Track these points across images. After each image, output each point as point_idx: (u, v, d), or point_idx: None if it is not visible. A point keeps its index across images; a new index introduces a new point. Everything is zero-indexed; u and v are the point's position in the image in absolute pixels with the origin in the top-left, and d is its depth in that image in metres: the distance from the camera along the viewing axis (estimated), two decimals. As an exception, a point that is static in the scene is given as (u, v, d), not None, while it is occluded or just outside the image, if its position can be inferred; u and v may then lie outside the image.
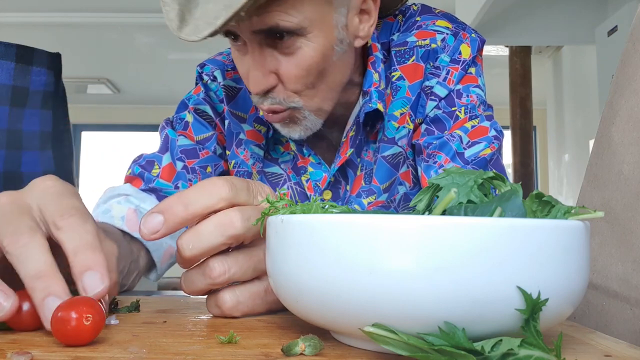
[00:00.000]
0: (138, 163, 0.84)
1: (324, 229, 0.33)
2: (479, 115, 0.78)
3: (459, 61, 0.79)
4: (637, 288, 0.48)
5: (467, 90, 0.79)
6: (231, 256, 0.44)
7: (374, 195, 0.83)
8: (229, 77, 0.88)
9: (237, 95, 0.87)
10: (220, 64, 0.89)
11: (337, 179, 0.84)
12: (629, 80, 0.54)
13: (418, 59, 0.80)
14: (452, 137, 0.76)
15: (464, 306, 0.30)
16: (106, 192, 0.79)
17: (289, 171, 0.87)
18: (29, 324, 0.39)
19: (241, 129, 0.87)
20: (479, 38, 0.81)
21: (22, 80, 1.20)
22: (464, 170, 0.39)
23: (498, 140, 0.77)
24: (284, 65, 0.69)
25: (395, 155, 0.82)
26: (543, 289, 0.31)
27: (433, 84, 0.79)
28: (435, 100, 0.79)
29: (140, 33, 4.72)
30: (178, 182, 0.82)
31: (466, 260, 0.30)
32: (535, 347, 0.29)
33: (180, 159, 0.84)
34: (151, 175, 0.82)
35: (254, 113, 0.86)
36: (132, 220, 0.72)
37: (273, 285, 0.38)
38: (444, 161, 0.75)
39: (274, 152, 0.87)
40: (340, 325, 0.34)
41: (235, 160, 0.87)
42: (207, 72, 0.88)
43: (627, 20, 3.15)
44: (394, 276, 0.30)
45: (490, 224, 0.30)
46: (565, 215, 0.34)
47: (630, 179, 0.51)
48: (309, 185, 0.85)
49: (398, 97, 0.80)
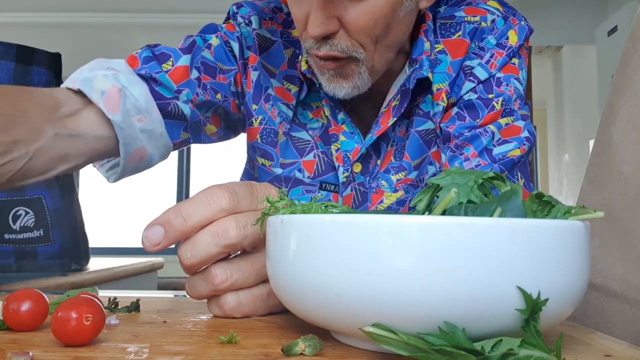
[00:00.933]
0: (151, 49, 0.76)
1: (323, 229, 0.33)
2: (514, 112, 0.75)
3: (505, 46, 0.76)
4: (637, 288, 0.48)
5: (508, 79, 0.75)
6: (233, 263, 0.44)
7: (405, 171, 0.79)
8: (265, 26, 0.82)
9: (271, 47, 0.82)
10: (259, 9, 0.83)
11: (369, 152, 0.79)
12: (628, 81, 0.54)
13: (465, 35, 0.76)
14: (484, 132, 0.73)
15: (464, 306, 0.30)
16: (95, 61, 0.71)
17: (317, 139, 0.81)
18: (29, 324, 0.39)
19: (270, 84, 0.81)
20: (527, 27, 0.77)
21: (22, 80, 1.19)
22: (465, 170, 0.39)
23: (529, 142, 0.74)
24: (352, 12, 0.65)
25: (428, 132, 0.78)
26: (543, 289, 0.31)
27: (474, 64, 0.75)
28: (474, 82, 0.75)
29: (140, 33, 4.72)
30: (185, 89, 0.74)
31: (466, 260, 0.30)
32: (535, 347, 0.29)
33: (199, 69, 0.76)
34: (159, 67, 0.74)
35: (285, 70, 0.81)
36: (113, 99, 0.65)
37: (273, 286, 0.38)
38: (472, 155, 0.72)
39: (302, 117, 0.82)
40: (340, 325, 0.34)
41: (263, 115, 0.81)
42: (243, 14, 0.82)
43: (627, 20, 3.16)
44: (394, 276, 0.30)
45: (491, 224, 0.30)
46: (565, 215, 0.34)
47: (630, 179, 0.51)
48: (339, 155, 0.80)
49: (438, 71, 0.76)
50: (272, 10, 0.83)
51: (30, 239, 1.17)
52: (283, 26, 0.83)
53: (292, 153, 0.82)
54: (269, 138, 0.82)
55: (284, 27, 0.83)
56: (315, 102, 0.81)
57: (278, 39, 0.82)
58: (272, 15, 0.83)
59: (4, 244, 1.15)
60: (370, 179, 0.80)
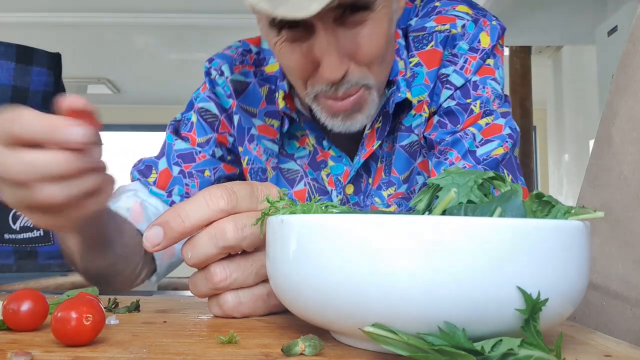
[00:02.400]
0: (137, 168, 0.84)
1: (323, 229, 0.33)
2: (493, 112, 0.76)
3: (477, 50, 0.76)
4: (637, 288, 0.48)
5: (484, 82, 0.76)
6: (234, 262, 0.45)
7: (394, 186, 0.80)
8: (237, 71, 0.86)
9: (246, 89, 0.85)
10: (228, 58, 0.87)
11: (359, 172, 0.81)
12: (629, 81, 0.54)
13: (437, 44, 0.77)
14: (465, 135, 0.74)
15: (464, 306, 0.30)
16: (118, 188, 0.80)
17: (306, 167, 0.84)
18: (29, 324, 0.39)
19: (252, 124, 0.84)
20: (499, 25, 0.78)
21: (22, 80, 1.20)
22: (464, 171, 0.39)
23: (512, 138, 0.74)
24: (357, 39, 0.66)
25: (412, 144, 0.79)
26: (543, 289, 0.30)
27: (449, 71, 0.76)
28: (451, 89, 0.76)
29: (140, 33, 4.71)
30: (174, 187, 0.81)
31: (466, 261, 0.29)
32: (535, 347, 0.29)
33: (177, 163, 0.83)
34: (147, 182, 0.82)
35: (264, 107, 0.84)
36: (137, 212, 0.74)
37: (273, 286, 0.39)
38: (455, 159, 0.73)
39: (289, 148, 0.85)
40: (340, 325, 0.34)
41: (249, 156, 0.85)
42: (215, 67, 0.86)
43: (627, 20, 3.15)
44: (394, 276, 0.30)
45: (491, 224, 0.30)
46: (565, 215, 0.34)
47: (630, 179, 0.51)
48: (330, 179, 0.82)
49: (416, 84, 0.77)
50: (241, 53, 0.86)
51: (30, 239, 1.17)
52: (255, 65, 0.86)
53: (283, 185, 0.84)
54: (258, 176, 0.85)
55: (256, 66, 0.86)
56: (299, 131, 0.83)
57: (252, 79, 0.85)
58: (242, 59, 0.86)
59: (4, 244, 1.15)
60: (364, 197, 0.81)
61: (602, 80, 3.40)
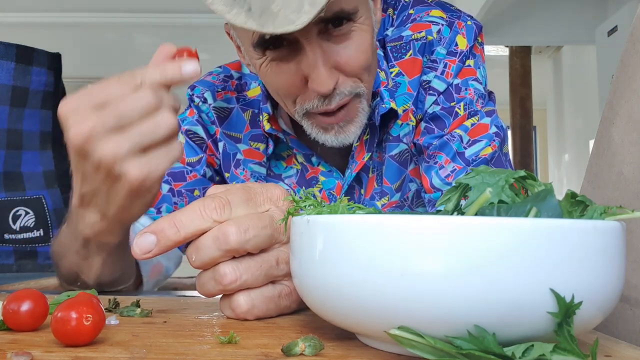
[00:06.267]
0: None
1: (352, 230, 0.32)
2: (478, 112, 0.76)
3: (455, 53, 0.77)
4: (637, 288, 0.48)
5: (466, 83, 0.77)
6: (243, 263, 0.44)
7: (387, 196, 0.81)
8: (219, 97, 0.86)
9: (230, 115, 0.85)
10: (209, 84, 0.87)
11: (351, 184, 0.82)
12: (629, 81, 0.54)
13: (415, 53, 0.78)
14: (452, 137, 0.75)
15: (495, 309, 0.29)
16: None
17: (294, 186, 0.84)
18: (29, 324, 0.39)
19: (237, 149, 0.85)
20: (474, 25, 0.79)
21: (22, 80, 1.20)
22: (495, 170, 0.37)
23: (499, 137, 0.75)
24: (345, 53, 0.67)
25: (402, 153, 0.80)
26: (577, 292, 0.29)
27: (431, 78, 0.77)
28: (434, 95, 0.77)
29: (140, 33, 4.72)
30: (162, 205, 0.81)
31: (499, 262, 0.28)
32: (569, 353, 0.28)
33: (167, 181, 0.82)
34: None
35: (248, 131, 0.85)
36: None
37: (298, 287, 0.38)
38: (445, 162, 0.73)
39: (276, 169, 0.85)
40: (366, 327, 0.33)
41: (236, 181, 0.85)
42: (198, 94, 0.86)
43: (627, 20, 3.15)
44: (425, 277, 0.29)
45: (530, 225, 0.29)
46: (602, 215, 0.33)
47: (630, 179, 0.51)
48: (323, 195, 0.83)
49: (399, 94, 0.78)
50: (223, 80, 0.87)
51: (30, 239, 1.17)
52: (237, 91, 0.86)
53: None
54: None
55: (238, 91, 0.86)
56: (285, 151, 0.84)
57: (235, 104, 0.85)
58: (224, 85, 0.86)
59: (4, 244, 1.15)
60: None
61: (602, 80, 3.40)
